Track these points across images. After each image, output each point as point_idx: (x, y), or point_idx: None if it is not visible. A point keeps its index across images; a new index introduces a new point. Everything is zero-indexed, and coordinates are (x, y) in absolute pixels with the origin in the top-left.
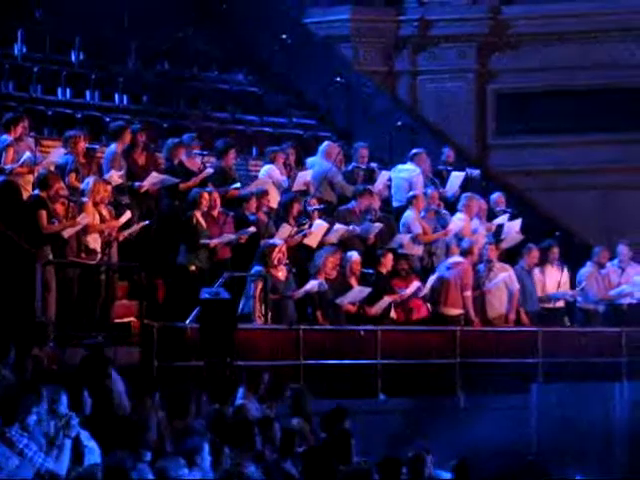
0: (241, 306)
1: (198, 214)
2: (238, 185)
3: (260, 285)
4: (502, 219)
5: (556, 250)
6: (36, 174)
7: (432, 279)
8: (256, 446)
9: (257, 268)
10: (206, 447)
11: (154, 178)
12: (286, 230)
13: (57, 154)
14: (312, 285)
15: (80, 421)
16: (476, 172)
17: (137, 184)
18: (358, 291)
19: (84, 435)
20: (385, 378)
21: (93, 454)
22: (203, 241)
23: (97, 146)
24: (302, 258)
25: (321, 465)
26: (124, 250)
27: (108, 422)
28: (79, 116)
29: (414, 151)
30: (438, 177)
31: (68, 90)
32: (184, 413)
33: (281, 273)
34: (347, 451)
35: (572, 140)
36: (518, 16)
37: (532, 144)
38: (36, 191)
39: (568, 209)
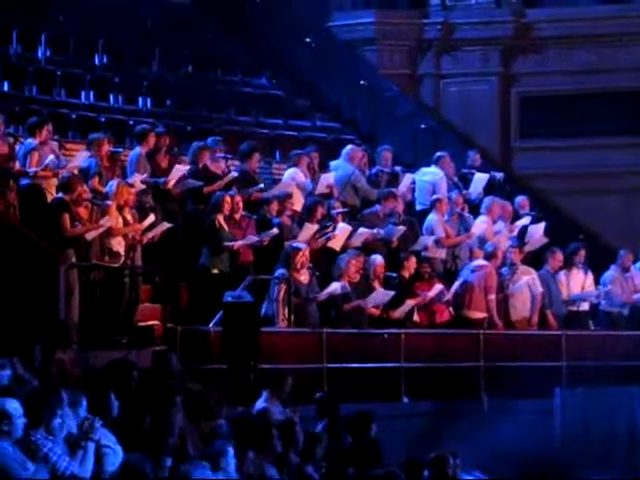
0: (264, 309)
1: (220, 218)
2: (261, 186)
3: (284, 288)
4: (525, 221)
5: (582, 253)
6: (60, 177)
7: (456, 284)
8: (277, 449)
9: (281, 271)
10: (230, 451)
11: (178, 171)
12: (309, 230)
13: (81, 157)
14: (335, 288)
15: (106, 424)
16: (500, 175)
17: (162, 180)
18: (382, 294)
19: (109, 438)
20: (408, 381)
21: (117, 457)
22: (226, 244)
23: (121, 149)
24: (325, 261)
25: (348, 471)
26: (148, 253)
27: (133, 426)
28: (103, 120)
29: (438, 154)
30: (462, 180)
31: (92, 93)
32: (209, 416)
33: (304, 276)
34: (376, 458)
35: (596, 143)
36: (542, 19)
37: (556, 147)
38: (59, 194)
39: (592, 212)
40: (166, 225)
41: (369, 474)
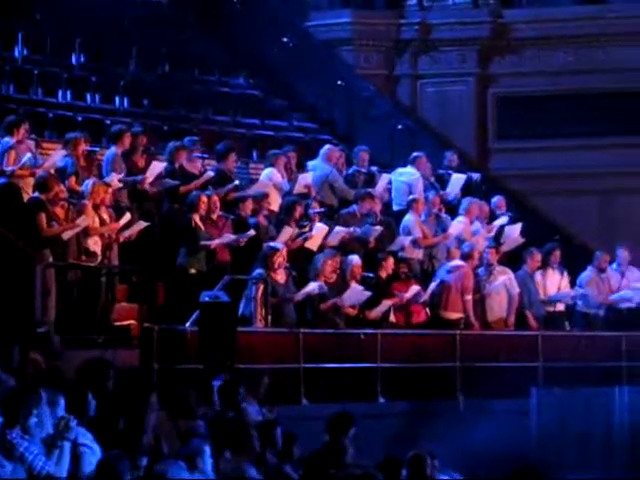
0: (241, 309)
1: (197, 217)
2: (236, 183)
3: (261, 288)
4: (502, 221)
5: (558, 253)
6: (36, 177)
7: (433, 285)
8: (255, 449)
9: (258, 271)
10: (207, 450)
11: (156, 167)
12: (288, 233)
13: (57, 157)
14: (312, 288)
15: (84, 423)
16: (477, 176)
17: (140, 177)
18: (358, 291)
19: (87, 437)
20: (385, 381)
21: (95, 456)
22: (203, 243)
23: (97, 149)
24: (302, 261)
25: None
26: (124, 253)
27: (109, 425)
28: (79, 119)
29: (414, 154)
30: (439, 181)
31: (69, 93)
32: (187, 414)
33: (280, 276)
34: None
35: (573, 144)
36: (519, 20)
37: (533, 148)
38: (36, 194)
39: (568, 213)
40: (142, 224)
41: (347, 474)
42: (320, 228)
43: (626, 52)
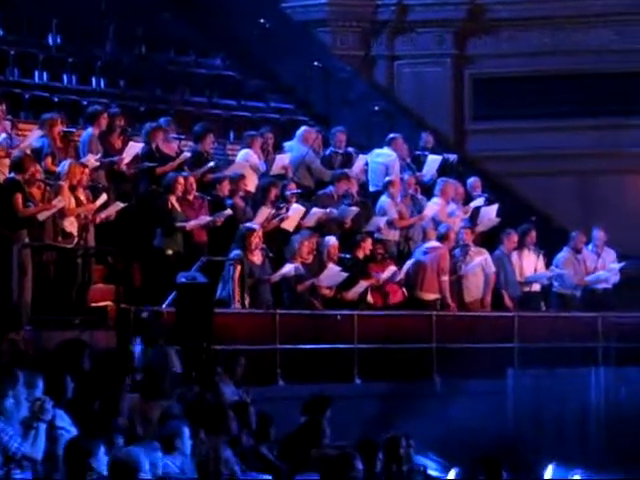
0: (219, 291)
1: (173, 198)
2: (212, 164)
3: (238, 269)
4: (478, 202)
5: (533, 234)
6: (12, 157)
7: (408, 264)
8: (232, 430)
9: (236, 252)
10: (186, 431)
11: (133, 148)
12: (264, 213)
13: (33, 137)
14: (288, 269)
15: (61, 406)
16: (453, 157)
17: (116, 158)
18: (335, 272)
19: (64, 420)
20: (361, 362)
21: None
22: (179, 224)
23: (74, 129)
24: (278, 242)
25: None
26: (101, 234)
27: (84, 407)
28: (56, 99)
29: (391, 136)
30: (416, 162)
31: (45, 73)
32: (158, 395)
33: (257, 257)
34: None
35: (549, 125)
36: (496, 1)
37: (509, 129)
38: (12, 174)
39: (545, 194)
40: (119, 205)
41: (324, 454)
42: (296, 209)
43: (602, 33)
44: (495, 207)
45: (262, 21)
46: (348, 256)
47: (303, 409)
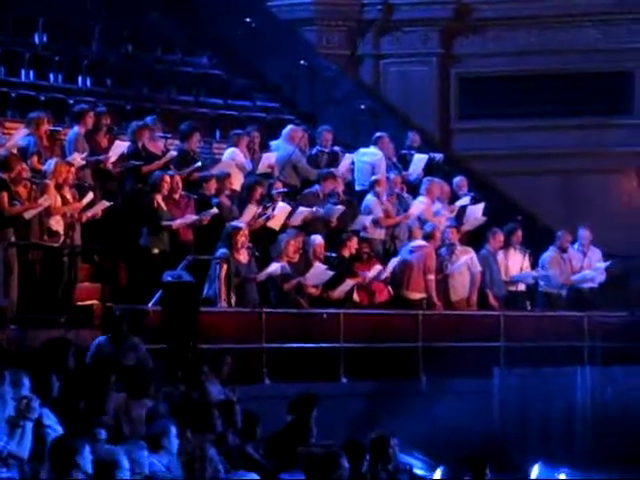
0: (206, 290)
1: (159, 197)
2: (199, 164)
3: (225, 268)
4: (464, 201)
5: (519, 233)
6: None
7: (394, 262)
8: (217, 429)
9: (222, 251)
10: (173, 430)
11: (119, 147)
12: (251, 212)
13: (20, 136)
14: (274, 268)
15: (47, 403)
16: (439, 156)
17: (103, 156)
18: (321, 270)
19: (51, 419)
20: (348, 361)
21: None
22: (165, 223)
23: (60, 128)
24: (265, 241)
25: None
26: (87, 233)
27: (70, 406)
28: (42, 98)
29: (377, 135)
30: (402, 161)
31: (31, 72)
32: (142, 394)
33: (243, 256)
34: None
35: (535, 124)
36: (481, 0)
37: (495, 128)
38: None
39: (530, 193)
40: (105, 203)
41: (310, 453)
42: (282, 208)
43: (588, 33)
44: (481, 206)
45: (248, 20)
46: (334, 255)
47: (289, 408)
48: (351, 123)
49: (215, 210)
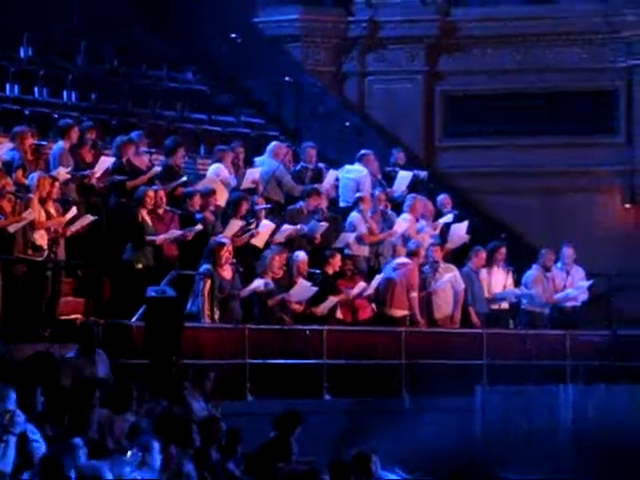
0: (189, 305)
1: (144, 212)
2: (184, 179)
3: (208, 283)
4: (447, 218)
5: (503, 251)
6: None
7: (377, 279)
8: (196, 444)
9: (205, 266)
10: (156, 446)
11: (104, 163)
12: (234, 226)
13: (4, 150)
14: (258, 284)
15: (31, 418)
16: (423, 173)
17: (88, 172)
18: (305, 287)
19: (35, 434)
20: (330, 378)
21: (40, 451)
22: (149, 238)
23: (45, 143)
24: (248, 257)
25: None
26: (71, 247)
27: (56, 420)
28: (27, 112)
29: (362, 152)
30: (386, 178)
31: (16, 86)
32: (124, 409)
33: (227, 272)
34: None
35: (519, 143)
36: (467, 18)
37: (479, 146)
38: None
39: (514, 211)
40: (89, 218)
41: (291, 470)
42: (266, 225)
43: (573, 52)
44: (465, 224)
45: (233, 36)
46: (318, 271)
47: (274, 424)
48: (336, 140)
49: (200, 227)
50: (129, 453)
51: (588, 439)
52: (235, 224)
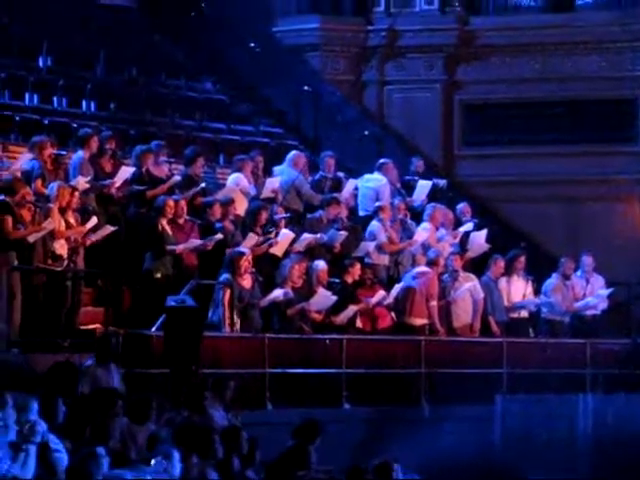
0: (210, 315)
1: (164, 221)
2: (203, 185)
3: (228, 293)
4: (467, 227)
5: (522, 260)
6: (2, 179)
7: (397, 288)
8: (219, 454)
9: (225, 276)
10: (176, 455)
11: (125, 172)
12: (252, 240)
13: (24, 160)
14: (277, 294)
15: (52, 429)
16: (443, 182)
17: (108, 181)
18: (324, 296)
19: (57, 444)
20: (350, 387)
21: (63, 461)
22: (169, 247)
23: (64, 152)
24: (268, 266)
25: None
26: (90, 257)
27: (76, 430)
28: (46, 122)
29: (381, 161)
30: (406, 187)
31: (35, 96)
32: (144, 419)
33: (246, 281)
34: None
35: (538, 151)
36: (486, 27)
37: (498, 155)
38: (2, 196)
39: (533, 220)
40: (110, 228)
41: (311, 479)
42: (285, 235)
43: (592, 60)
44: (484, 233)
45: (253, 45)
46: (337, 281)
47: (293, 433)
48: (355, 149)
49: (220, 236)
50: (153, 461)
51: (608, 448)
52: (252, 237)
